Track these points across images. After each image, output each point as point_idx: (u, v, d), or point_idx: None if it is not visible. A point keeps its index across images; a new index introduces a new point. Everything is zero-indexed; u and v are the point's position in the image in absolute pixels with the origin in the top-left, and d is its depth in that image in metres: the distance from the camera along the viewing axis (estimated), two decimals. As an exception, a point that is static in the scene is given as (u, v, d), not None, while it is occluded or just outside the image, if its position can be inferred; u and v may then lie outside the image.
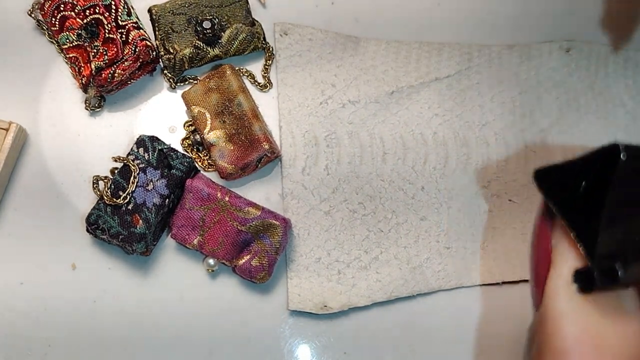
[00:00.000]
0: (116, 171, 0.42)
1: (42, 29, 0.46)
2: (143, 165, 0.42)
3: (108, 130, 0.45)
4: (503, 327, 0.44)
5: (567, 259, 0.25)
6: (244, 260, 0.41)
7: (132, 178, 0.41)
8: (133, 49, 0.43)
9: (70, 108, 0.46)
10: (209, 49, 0.45)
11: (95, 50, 0.43)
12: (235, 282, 0.44)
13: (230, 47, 0.46)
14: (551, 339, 0.24)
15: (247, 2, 0.47)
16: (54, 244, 0.43)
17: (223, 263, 0.43)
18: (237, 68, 0.46)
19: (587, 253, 0.23)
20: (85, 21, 0.44)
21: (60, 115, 0.45)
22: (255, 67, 0.47)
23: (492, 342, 0.44)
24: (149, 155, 0.42)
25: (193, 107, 0.45)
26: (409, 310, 0.44)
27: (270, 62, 0.47)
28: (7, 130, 0.43)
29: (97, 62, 0.43)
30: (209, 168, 0.45)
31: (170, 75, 0.46)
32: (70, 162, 0.45)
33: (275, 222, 0.41)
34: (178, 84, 0.46)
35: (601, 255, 0.22)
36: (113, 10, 0.44)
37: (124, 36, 0.44)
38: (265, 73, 0.47)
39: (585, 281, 0.23)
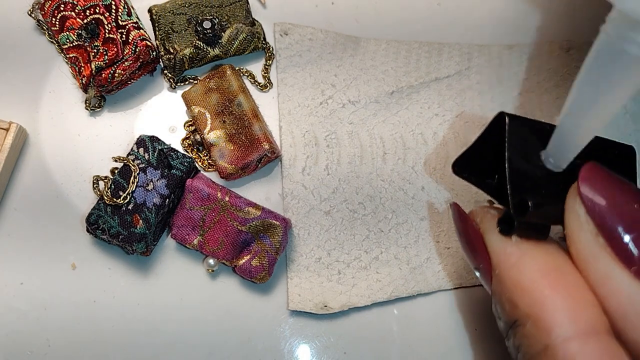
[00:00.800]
0: (116, 171, 0.42)
1: (42, 29, 0.46)
2: (143, 165, 0.42)
3: (108, 130, 0.45)
4: (503, 327, 0.44)
5: (495, 224, 0.27)
6: (244, 260, 0.41)
7: (132, 178, 0.41)
8: (133, 49, 0.43)
9: (70, 108, 0.46)
10: (209, 49, 0.45)
11: (95, 50, 0.43)
12: (235, 282, 0.44)
13: (231, 47, 0.46)
14: (519, 283, 0.26)
15: (247, 2, 0.47)
16: (54, 244, 0.43)
17: (223, 263, 0.43)
18: (237, 68, 0.46)
19: (504, 204, 0.26)
20: (85, 21, 0.44)
21: (60, 115, 0.45)
22: (255, 67, 0.47)
23: (492, 342, 0.44)
24: (149, 155, 0.42)
25: (193, 107, 0.45)
26: (409, 310, 0.44)
27: (270, 62, 0.47)
28: (7, 130, 0.43)
29: (97, 62, 0.43)
30: (209, 168, 0.45)
31: (170, 75, 0.46)
32: (70, 162, 0.45)
33: (275, 222, 0.41)
34: (178, 84, 0.46)
35: (514, 198, 0.25)
36: (113, 10, 0.44)
37: (124, 36, 0.44)
38: (265, 73, 0.47)
39: (506, 224, 0.26)
